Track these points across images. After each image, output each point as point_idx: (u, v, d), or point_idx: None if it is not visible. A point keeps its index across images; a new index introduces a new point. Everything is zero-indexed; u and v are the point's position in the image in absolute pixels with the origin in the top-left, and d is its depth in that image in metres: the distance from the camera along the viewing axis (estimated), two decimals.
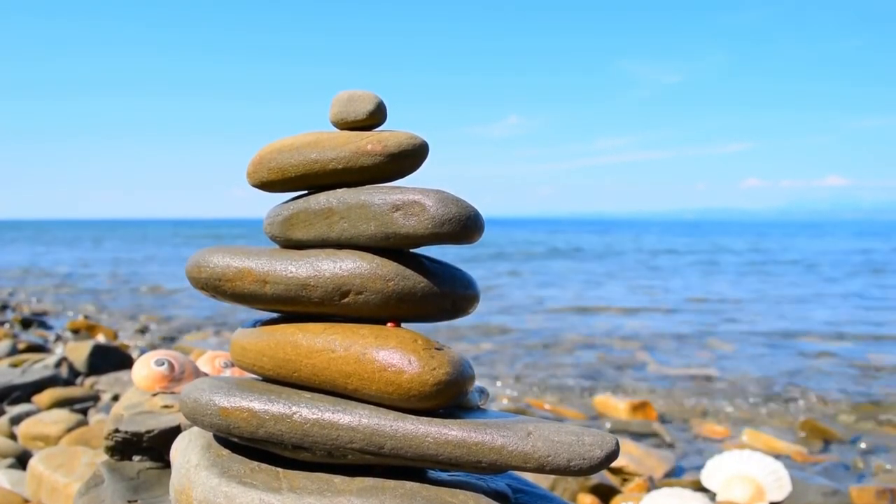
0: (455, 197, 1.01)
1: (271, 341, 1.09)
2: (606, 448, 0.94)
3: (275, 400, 1.03)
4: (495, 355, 5.37)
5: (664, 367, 4.96)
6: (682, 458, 2.88)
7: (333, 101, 1.12)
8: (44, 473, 1.75)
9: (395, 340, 1.00)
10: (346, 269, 1.03)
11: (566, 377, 4.57)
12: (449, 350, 1.01)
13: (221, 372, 1.72)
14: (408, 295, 1.03)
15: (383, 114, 1.11)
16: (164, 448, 1.49)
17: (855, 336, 6.32)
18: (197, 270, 1.12)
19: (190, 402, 1.08)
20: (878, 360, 5.19)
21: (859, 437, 3.25)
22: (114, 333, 5.79)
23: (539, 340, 6.07)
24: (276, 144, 1.14)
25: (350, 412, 1.00)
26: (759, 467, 2.29)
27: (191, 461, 1.08)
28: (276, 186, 1.15)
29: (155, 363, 1.68)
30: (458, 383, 0.98)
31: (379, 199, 1.02)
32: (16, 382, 3.19)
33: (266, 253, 1.10)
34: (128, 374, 3.65)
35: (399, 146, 1.05)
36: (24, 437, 2.57)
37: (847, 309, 8.46)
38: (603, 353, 5.43)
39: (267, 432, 1.01)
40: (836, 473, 2.69)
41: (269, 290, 1.07)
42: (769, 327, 6.86)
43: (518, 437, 0.94)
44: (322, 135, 1.11)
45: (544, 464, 0.93)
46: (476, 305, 1.12)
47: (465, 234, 1.00)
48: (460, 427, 0.95)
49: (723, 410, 3.76)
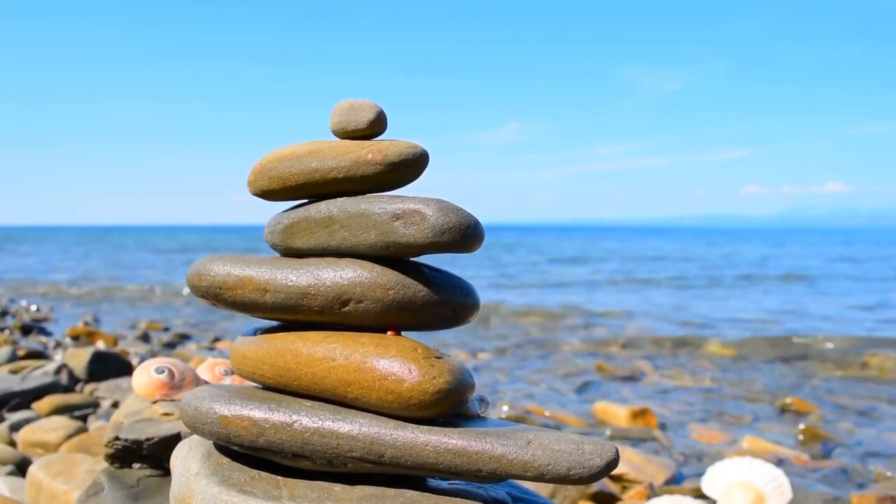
0: (455, 206, 1.01)
1: (272, 350, 1.09)
2: (606, 457, 0.94)
3: (275, 408, 1.03)
4: (495, 362, 5.37)
5: (664, 374, 4.95)
6: (682, 465, 2.88)
7: (334, 111, 1.12)
8: (43, 481, 1.75)
9: (395, 349, 1.00)
10: (347, 277, 1.04)
11: (566, 384, 4.57)
12: (449, 359, 1.01)
13: (221, 380, 1.72)
14: (408, 303, 1.03)
15: (384, 123, 1.11)
16: (164, 456, 1.49)
17: (857, 339, 6.32)
18: (198, 279, 1.13)
19: (190, 411, 1.08)
20: (881, 364, 5.18)
21: (860, 443, 3.24)
22: (114, 340, 5.79)
23: (539, 347, 6.06)
24: (276, 153, 1.14)
25: (350, 421, 1.00)
26: (759, 474, 2.29)
27: (191, 469, 1.08)
28: (277, 195, 1.15)
29: (155, 371, 1.68)
30: (458, 392, 0.98)
31: (379, 209, 1.03)
32: (15, 389, 3.19)
33: (267, 261, 1.11)
34: (127, 380, 3.64)
35: (399, 155, 1.06)
36: (24, 443, 2.57)
37: (852, 312, 8.44)
38: (603, 360, 5.42)
39: (267, 441, 1.02)
40: (836, 480, 2.69)
41: (270, 299, 1.07)
42: (774, 331, 6.86)
43: (518, 445, 0.94)
44: (322, 144, 1.11)
45: (544, 472, 0.93)
46: (476, 314, 1.12)
47: (465, 243, 1.01)
48: (460, 436, 0.96)
49: (723, 417, 3.76)
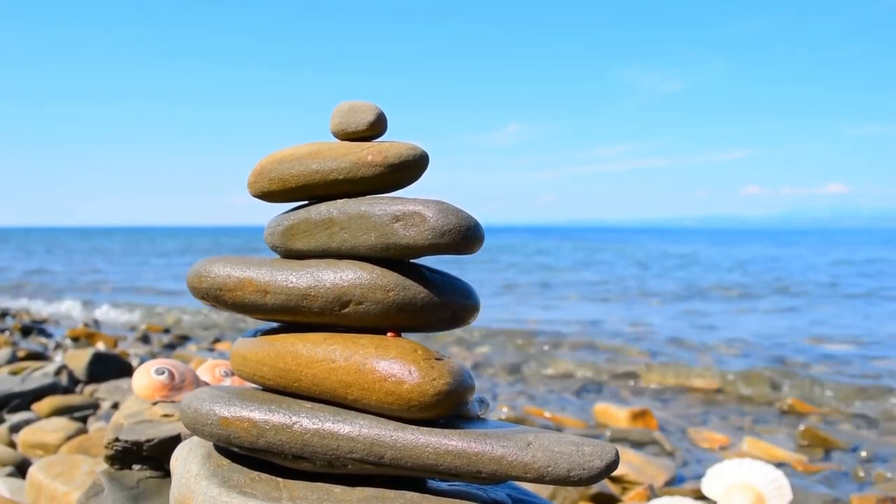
0: (455, 208, 1.01)
1: (272, 351, 1.09)
2: (606, 458, 0.94)
3: (275, 410, 1.03)
4: (495, 362, 5.36)
5: (664, 375, 4.95)
6: (682, 466, 2.88)
7: (334, 112, 1.12)
8: (43, 482, 1.75)
9: (395, 350, 1.00)
10: (347, 279, 1.04)
11: (566, 385, 4.57)
12: (449, 360, 1.01)
13: (221, 381, 1.72)
14: (408, 305, 1.03)
15: (384, 125, 1.11)
16: (164, 457, 1.49)
17: (859, 342, 6.32)
18: (198, 280, 1.13)
19: (190, 412, 1.08)
20: (882, 368, 5.18)
21: (860, 445, 3.24)
22: (113, 341, 5.79)
23: (539, 347, 6.06)
24: (276, 155, 1.14)
25: (350, 422, 1.00)
26: (759, 476, 2.28)
27: (191, 471, 1.08)
28: (277, 197, 1.15)
29: (155, 372, 1.68)
30: (458, 393, 0.98)
31: (379, 210, 1.03)
32: (15, 390, 3.18)
33: (267, 263, 1.11)
34: (127, 381, 3.64)
35: (399, 157, 1.06)
36: (24, 445, 2.57)
37: (855, 317, 8.44)
38: (604, 361, 5.42)
39: (267, 442, 1.02)
40: (837, 482, 2.69)
41: (270, 301, 1.07)
42: (771, 335, 6.85)
43: (518, 447, 0.94)
44: (322, 145, 1.11)
45: (544, 474, 0.93)
46: (476, 315, 1.12)
47: (465, 245, 1.01)
48: (460, 437, 0.96)
49: (723, 418, 3.75)
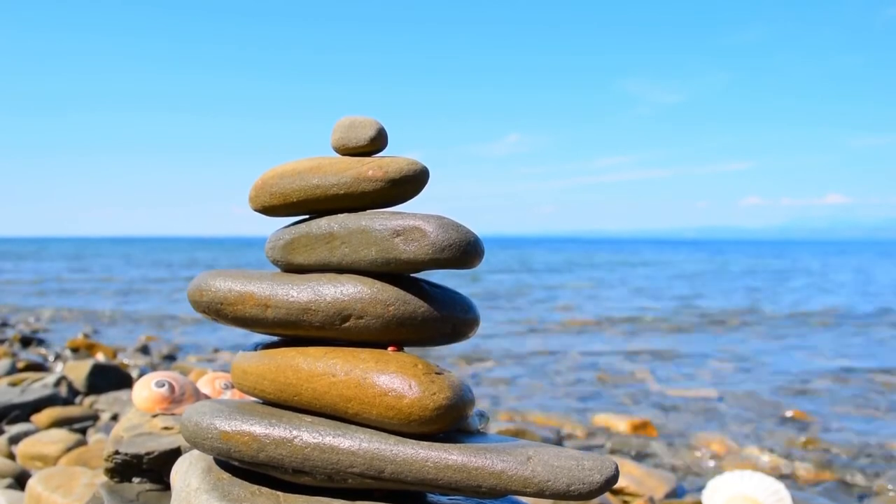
0: (455, 222, 1.02)
1: (272, 365, 1.09)
2: (606, 472, 0.95)
3: (276, 424, 1.03)
4: (495, 375, 5.36)
5: (665, 386, 4.95)
6: (682, 478, 2.87)
7: (335, 128, 1.13)
8: (42, 494, 1.74)
9: (395, 365, 1.00)
10: (348, 293, 1.04)
11: (567, 396, 4.56)
12: (449, 374, 1.02)
13: (222, 394, 1.72)
14: (408, 319, 1.04)
15: (384, 140, 1.12)
16: (164, 470, 1.49)
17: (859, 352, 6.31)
18: (199, 294, 1.13)
19: (191, 426, 1.08)
20: (883, 379, 5.17)
21: (861, 456, 3.23)
22: (113, 352, 5.78)
23: (540, 359, 6.06)
24: (277, 169, 1.15)
25: (351, 436, 1.00)
26: (760, 487, 2.28)
27: (191, 485, 1.08)
28: (278, 211, 1.16)
29: (155, 384, 1.68)
30: (458, 408, 0.99)
31: (380, 225, 1.03)
32: (15, 401, 3.18)
33: (268, 277, 1.11)
34: (127, 393, 3.64)
35: (400, 172, 1.06)
36: (23, 456, 2.57)
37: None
38: (604, 372, 5.41)
39: (268, 456, 1.02)
40: (837, 494, 2.68)
41: (271, 315, 1.08)
42: (772, 343, 6.85)
43: (518, 461, 0.94)
44: (323, 160, 1.12)
45: (544, 489, 0.93)
46: (476, 329, 1.13)
47: (465, 260, 1.01)
48: (460, 451, 0.96)
49: (724, 430, 3.75)
